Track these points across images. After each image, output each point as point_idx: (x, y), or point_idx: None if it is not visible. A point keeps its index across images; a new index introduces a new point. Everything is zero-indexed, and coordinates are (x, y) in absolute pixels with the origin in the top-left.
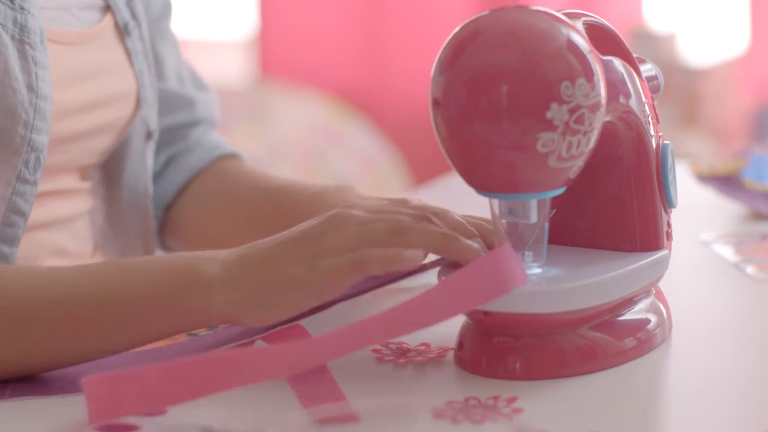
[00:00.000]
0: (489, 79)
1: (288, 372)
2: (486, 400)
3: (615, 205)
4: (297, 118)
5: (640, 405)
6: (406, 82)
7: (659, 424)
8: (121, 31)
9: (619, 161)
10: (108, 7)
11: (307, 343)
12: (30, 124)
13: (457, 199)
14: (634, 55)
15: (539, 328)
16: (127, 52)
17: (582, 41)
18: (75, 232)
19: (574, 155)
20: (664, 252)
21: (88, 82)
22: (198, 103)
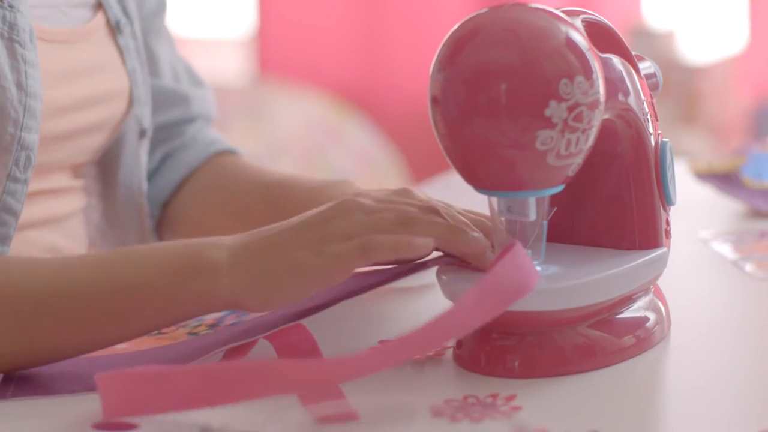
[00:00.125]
0: (488, 77)
1: (322, 386)
2: (485, 398)
3: (614, 203)
4: (296, 116)
5: (639, 403)
6: (405, 80)
7: (658, 422)
8: (113, 29)
9: (618, 159)
10: (99, 5)
11: (348, 358)
12: (20, 123)
13: (456, 196)
14: (633, 53)
15: (538, 326)
16: (119, 49)
17: (581, 39)
18: (68, 231)
19: (572, 153)
20: (663, 250)
21: (80, 81)
22: (194, 99)
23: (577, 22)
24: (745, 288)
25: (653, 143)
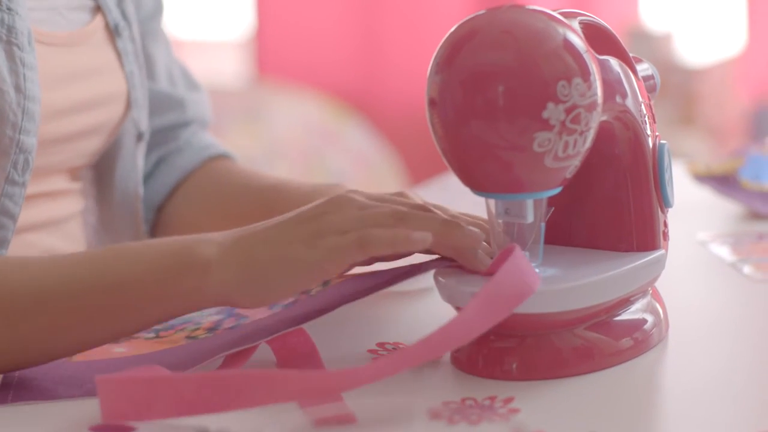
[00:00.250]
0: (485, 79)
1: (328, 396)
2: (483, 400)
3: (612, 205)
4: (293, 118)
5: (637, 405)
6: (403, 82)
7: (656, 424)
8: (112, 32)
9: (616, 161)
10: (98, 8)
11: (355, 369)
12: (18, 126)
13: (453, 199)
14: (631, 55)
15: (536, 328)
16: (118, 53)
17: (578, 41)
18: (66, 234)
19: (570, 155)
20: (661, 252)
21: (78, 84)
22: (189, 103)
23: (575, 24)
24: (743, 290)
25: (651, 145)
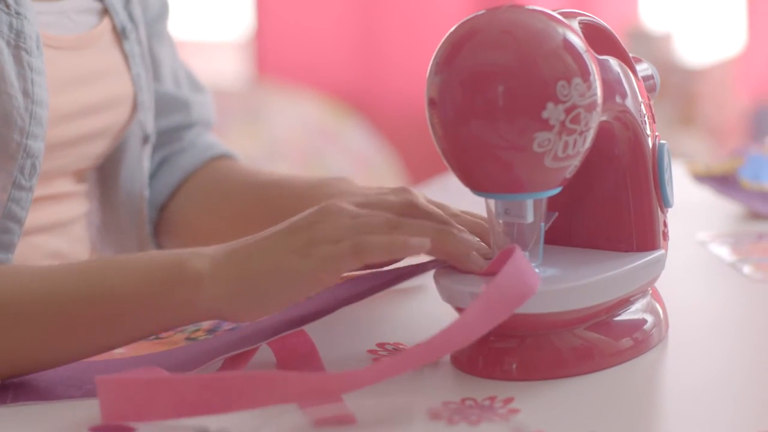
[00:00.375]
0: (485, 79)
1: (328, 398)
2: (482, 400)
3: (611, 205)
4: (293, 119)
5: (637, 405)
6: (402, 82)
7: (656, 424)
8: (119, 35)
9: (616, 161)
10: (105, 11)
11: (357, 371)
12: (26, 131)
13: (453, 198)
14: (631, 55)
15: (536, 328)
16: (125, 55)
17: (578, 41)
18: (72, 236)
19: (570, 155)
20: (661, 252)
21: (85, 87)
22: (194, 105)
23: (575, 24)
24: (743, 290)
25: (651, 145)
